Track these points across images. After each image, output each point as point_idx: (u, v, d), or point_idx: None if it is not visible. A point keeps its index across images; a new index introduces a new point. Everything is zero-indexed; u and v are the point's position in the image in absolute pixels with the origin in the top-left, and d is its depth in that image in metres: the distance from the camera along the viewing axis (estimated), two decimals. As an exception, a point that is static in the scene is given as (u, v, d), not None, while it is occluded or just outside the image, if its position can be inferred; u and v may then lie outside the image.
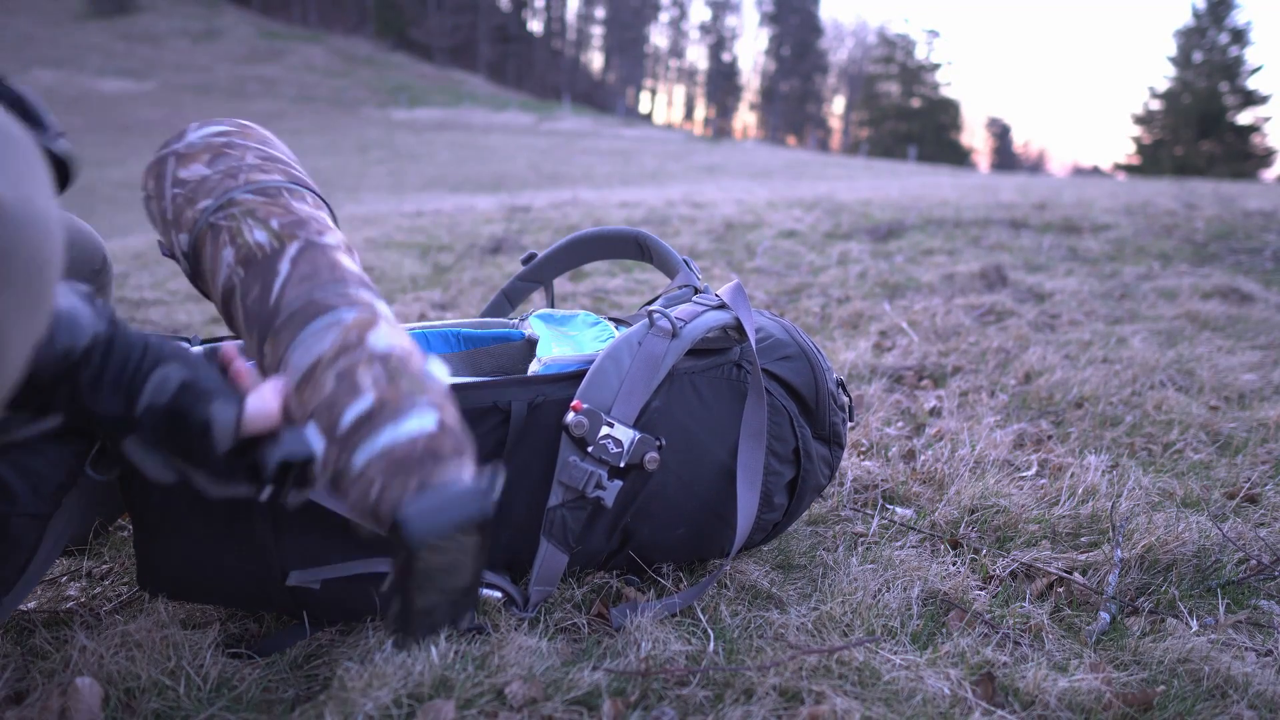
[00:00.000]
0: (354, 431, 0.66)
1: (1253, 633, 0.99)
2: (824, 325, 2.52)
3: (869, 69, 60.03)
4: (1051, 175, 34.45)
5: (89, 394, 0.63)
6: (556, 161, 17.34)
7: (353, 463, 0.66)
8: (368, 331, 0.71)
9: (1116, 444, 1.57)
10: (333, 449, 0.67)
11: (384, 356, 0.70)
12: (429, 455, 0.66)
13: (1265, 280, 3.19)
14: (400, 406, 0.67)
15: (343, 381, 0.68)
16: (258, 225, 0.78)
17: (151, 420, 0.65)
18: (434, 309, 2.72)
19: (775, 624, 0.95)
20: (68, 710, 0.77)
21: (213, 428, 0.65)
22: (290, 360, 0.71)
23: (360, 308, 0.74)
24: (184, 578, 0.91)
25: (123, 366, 0.64)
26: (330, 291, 0.74)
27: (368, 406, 0.67)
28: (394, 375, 0.69)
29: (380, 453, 0.65)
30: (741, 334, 1.04)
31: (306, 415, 0.69)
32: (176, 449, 0.66)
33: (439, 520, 0.63)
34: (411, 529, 0.62)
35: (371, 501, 0.66)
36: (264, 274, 0.76)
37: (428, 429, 0.67)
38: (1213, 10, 39.15)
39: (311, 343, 0.71)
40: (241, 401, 0.67)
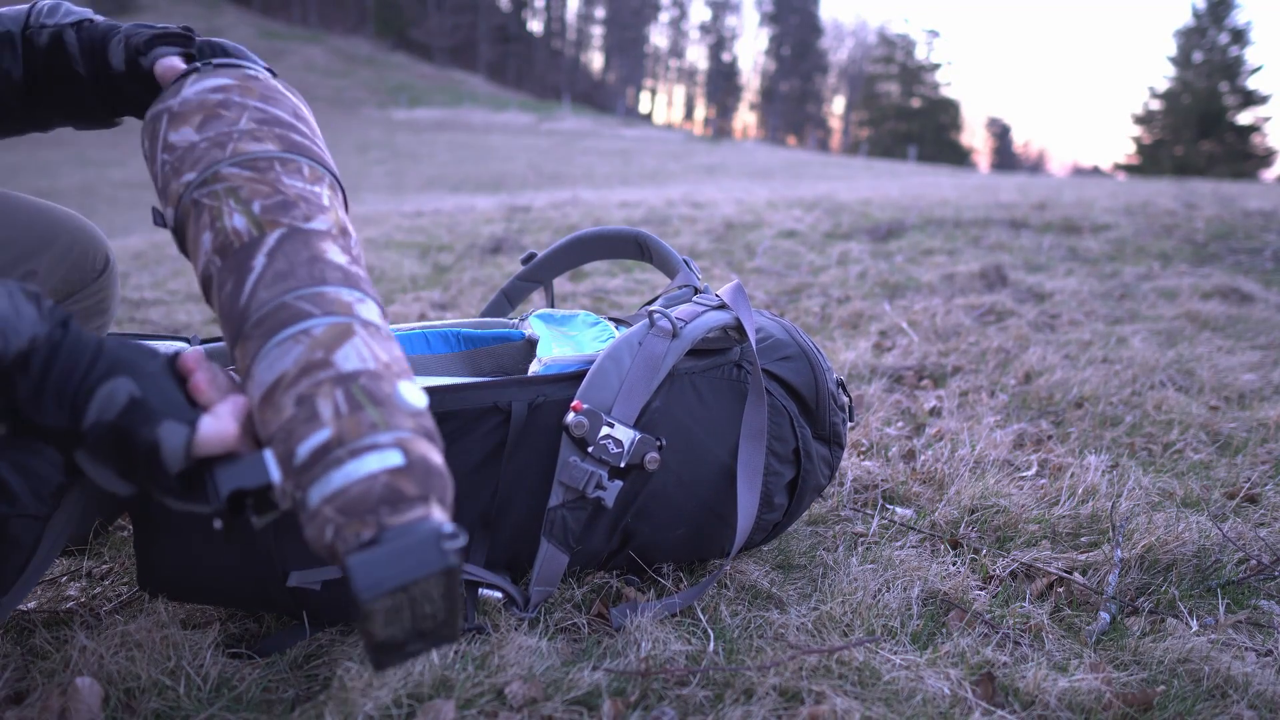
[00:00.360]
0: (309, 465, 0.61)
1: (1253, 633, 0.99)
2: (824, 325, 2.52)
3: (869, 69, 60.03)
4: (1051, 175, 34.46)
5: (28, 404, 0.59)
6: (556, 161, 17.34)
7: (308, 500, 0.61)
8: (336, 348, 0.65)
9: (1116, 444, 1.57)
10: (289, 481, 0.62)
11: (350, 378, 0.64)
12: (386, 499, 0.60)
13: (1265, 280, 3.19)
14: (360, 442, 0.61)
15: (302, 407, 0.62)
16: (239, 208, 0.72)
17: (97, 438, 0.60)
18: (434, 309, 2.72)
19: (775, 624, 0.95)
20: (68, 710, 0.77)
21: (160, 450, 0.60)
22: (255, 374, 0.66)
23: (334, 316, 0.67)
24: (184, 578, 0.91)
25: (67, 376, 0.60)
26: (304, 296, 0.68)
27: (324, 439, 0.61)
28: (356, 405, 0.63)
29: (334, 493, 0.60)
30: (742, 334, 1.04)
31: (268, 437, 0.64)
32: (125, 468, 0.62)
33: (387, 574, 0.57)
34: (357, 583, 0.57)
35: (326, 543, 0.60)
36: (238, 267, 0.70)
37: (388, 467, 0.61)
38: (1213, 10, 39.15)
39: (276, 356, 0.65)
40: (194, 423, 0.62)
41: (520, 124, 31.10)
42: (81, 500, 0.86)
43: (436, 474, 0.63)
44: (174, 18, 30.49)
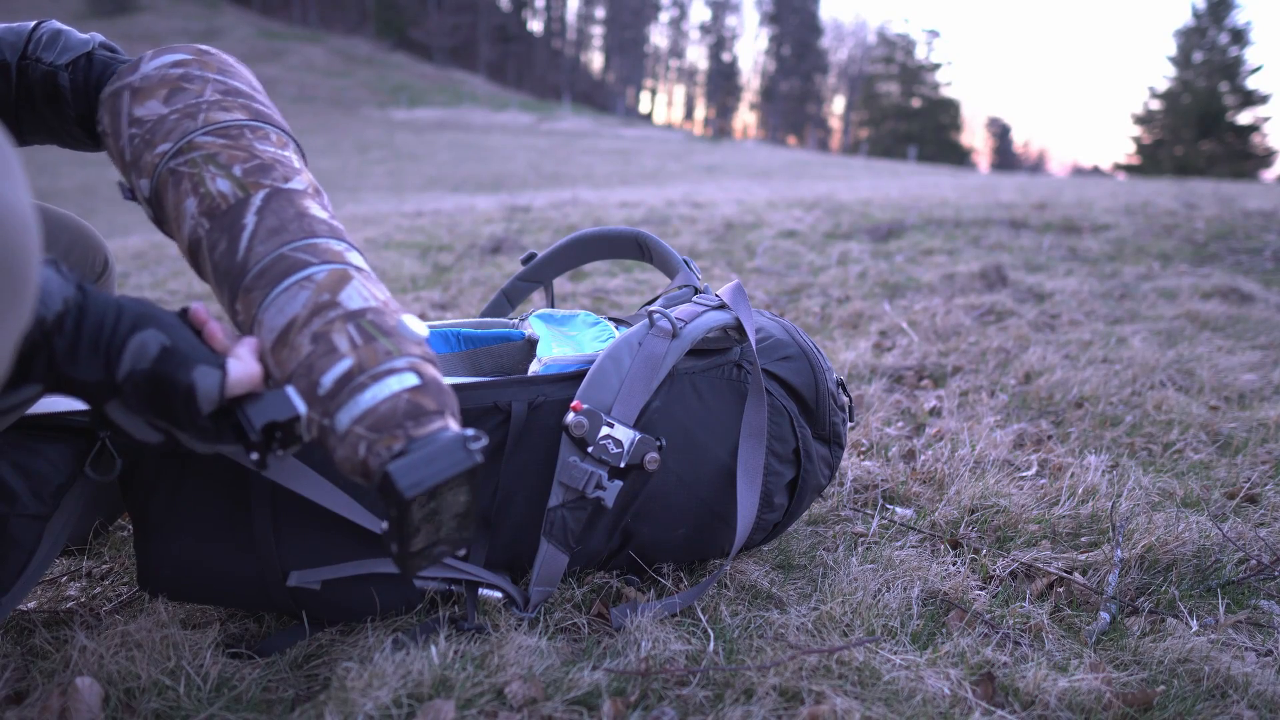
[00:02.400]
0: (335, 393, 0.67)
1: (1253, 633, 0.99)
2: (824, 325, 2.52)
3: (869, 69, 60.04)
4: (1051, 175, 34.46)
5: (66, 361, 0.62)
6: (556, 161, 17.34)
7: (337, 423, 0.67)
8: (340, 289, 0.71)
9: (1116, 444, 1.57)
10: (315, 410, 0.68)
11: (358, 314, 0.70)
12: (411, 413, 0.67)
13: (1265, 280, 3.19)
14: (379, 368, 0.67)
15: (319, 343, 0.68)
16: (220, 173, 0.75)
17: (134, 387, 0.64)
18: (434, 309, 2.72)
19: (775, 624, 0.95)
20: (68, 710, 0.77)
21: (196, 392, 0.64)
22: (263, 321, 0.71)
23: (331, 263, 0.73)
24: (184, 578, 0.91)
25: (98, 332, 0.63)
26: (299, 247, 0.73)
27: (346, 368, 0.67)
28: (369, 336, 0.69)
29: (363, 413, 0.66)
30: (742, 334, 1.04)
31: (285, 376, 0.69)
32: (160, 414, 0.65)
33: (426, 473, 0.64)
34: (400, 485, 0.63)
35: (360, 459, 0.66)
36: (230, 227, 0.74)
37: (407, 386, 0.67)
38: (1213, 10, 39.16)
39: (284, 302, 0.70)
40: (224, 365, 0.66)
41: (520, 124, 31.10)
42: (81, 500, 0.86)
43: (447, 391, 0.70)
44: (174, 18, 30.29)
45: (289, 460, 0.88)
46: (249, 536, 0.88)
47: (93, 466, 0.85)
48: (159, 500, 0.88)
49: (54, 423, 0.85)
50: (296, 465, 0.88)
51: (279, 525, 0.89)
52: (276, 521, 0.88)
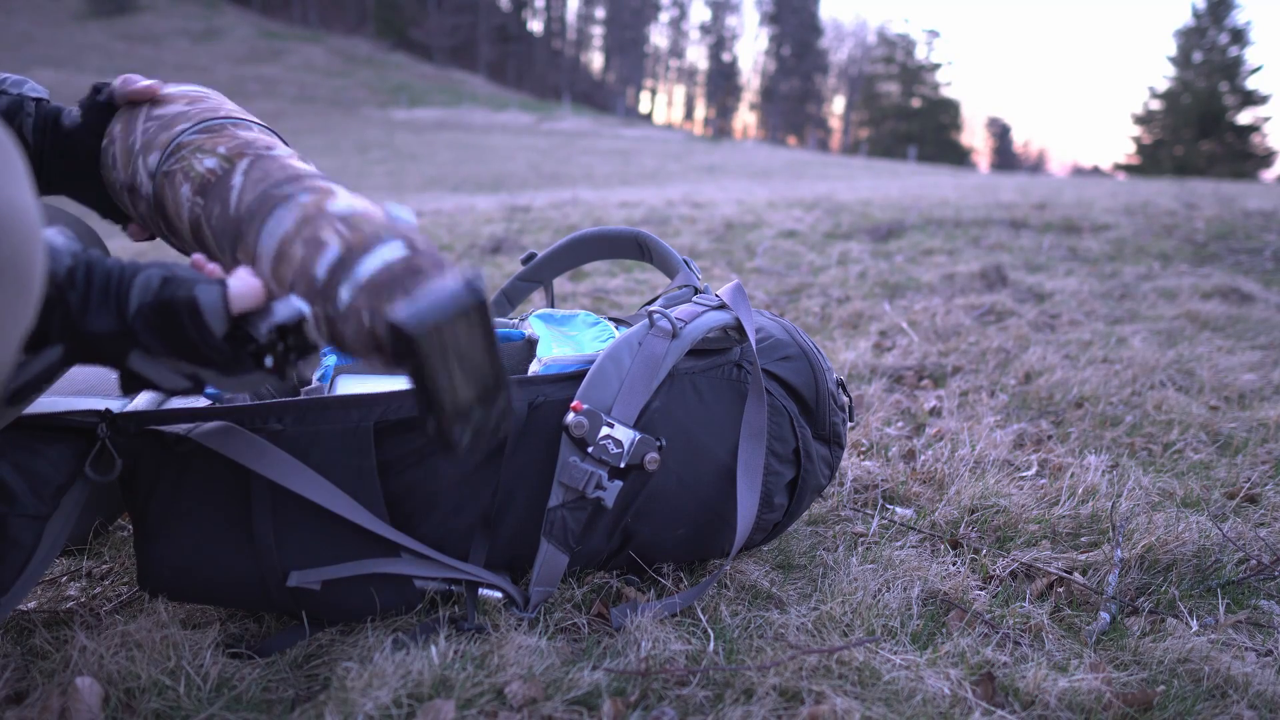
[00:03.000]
0: (330, 279, 0.67)
1: (1253, 633, 0.99)
2: (824, 325, 2.52)
3: (869, 69, 60.05)
4: (1051, 175, 34.46)
5: (80, 316, 0.63)
6: (556, 161, 17.34)
7: (338, 302, 0.67)
8: (326, 201, 0.72)
9: (1116, 444, 1.57)
10: (317, 303, 0.68)
11: (345, 215, 0.71)
12: (408, 273, 0.66)
13: (1265, 280, 3.19)
14: (368, 244, 0.68)
15: (310, 245, 0.69)
16: (206, 155, 0.79)
17: (144, 322, 0.64)
18: (434, 309, 2.72)
19: (775, 624, 0.95)
20: (68, 710, 0.77)
21: (201, 309, 0.65)
22: (260, 248, 0.72)
23: (315, 190, 0.74)
24: (184, 578, 0.91)
25: (106, 281, 0.64)
26: (285, 185, 0.75)
27: (336, 254, 0.68)
28: (357, 226, 0.69)
29: (361, 284, 0.66)
30: (742, 334, 1.04)
31: (288, 285, 0.70)
32: (176, 346, 0.66)
33: (433, 309, 0.63)
34: (408, 321, 0.62)
35: (367, 328, 0.66)
36: (221, 193, 0.77)
37: (400, 255, 0.67)
38: (1213, 10, 39.16)
39: (273, 225, 0.72)
40: (223, 283, 0.67)
41: (520, 124, 31.10)
42: (81, 500, 0.86)
43: (443, 258, 0.69)
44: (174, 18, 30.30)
45: (289, 460, 0.88)
46: (249, 536, 0.88)
47: (93, 466, 0.85)
48: (159, 500, 0.88)
49: (54, 423, 0.85)
50: (296, 465, 0.88)
51: (279, 525, 0.89)
52: (276, 521, 0.88)
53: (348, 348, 0.69)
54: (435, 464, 0.94)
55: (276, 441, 0.88)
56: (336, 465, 0.90)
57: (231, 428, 0.88)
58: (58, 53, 33.07)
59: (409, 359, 0.64)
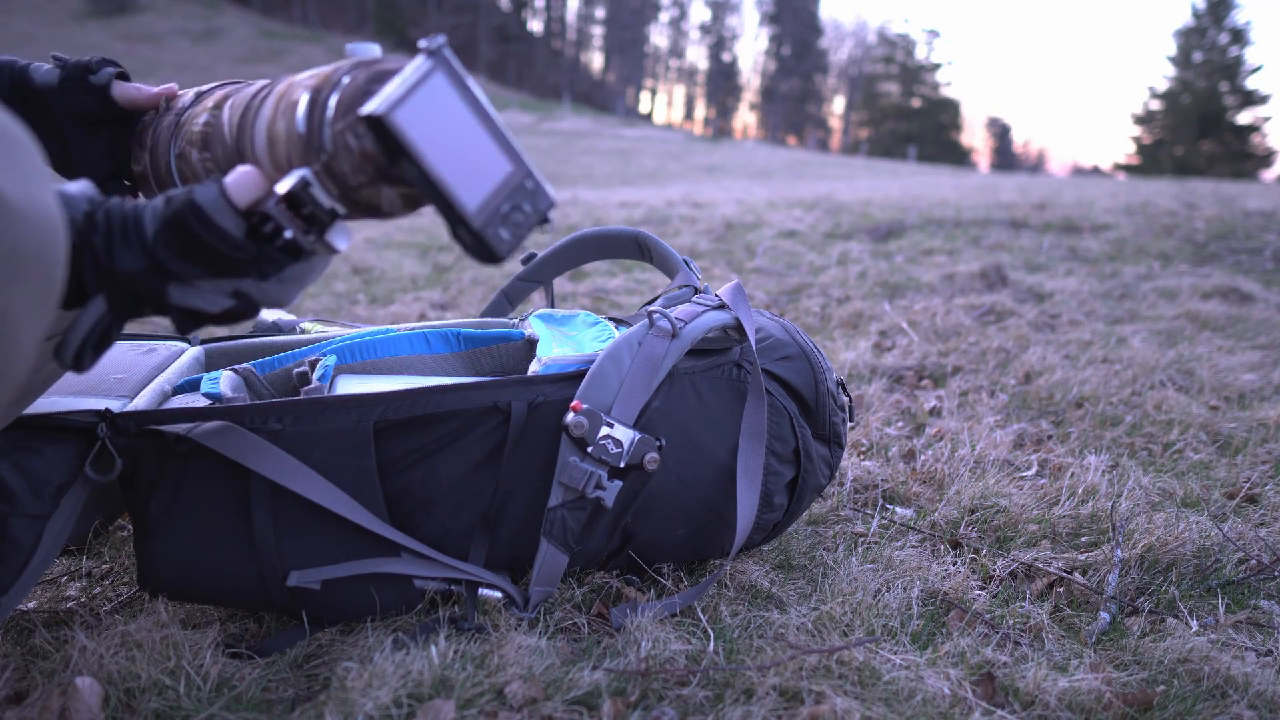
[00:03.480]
0: (310, 125, 0.66)
1: (1253, 633, 0.99)
2: (824, 325, 2.52)
3: (869, 69, 60.07)
4: (1051, 175, 34.46)
5: (107, 257, 0.63)
6: (556, 161, 17.33)
7: (324, 143, 0.65)
8: (294, 78, 0.72)
9: (1116, 444, 1.57)
10: (312, 159, 0.67)
11: (310, 74, 0.70)
12: (373, 79, 0.65)
13: (1265, 280, 3.19)
14: (334, 79, 0.67)
15: (288, 113, 0.68)
16: (198, 114, 0.80)
17: (165, 247, 0.64)
18: (434, 309, 2.72)
19: (775, 624, 0.95)
20: (68, 710, 0.77)
21: (204, 208, 0.64)
22: (256, 149, 0.72)
23: (285, 79, 0.74)
24: (184, 578, 0.91)
25: (123, 220, 0.64)
26: (261, 91, 0.75)
27: (308, 99, 0.67)
28: (319, 73, 0.69)
29: (332, 115, 0.65)
30: (741, 334, 1.04)
31: (287, 167, 0.69)
32: (201, 259, 0.65)
33: (398, 89, 0.61)
34: (374, 108, 0.60)
35: (357, 150, 0.64)
36: (218, 135, 0.77)
37: (362, 73, 0.66)
38: (1213, 10, 39.17)
39: (259, 121, 0.71)
40: (218, 180, 0.66)
41: (520, 124, 31.09)
42: (81, 500, 0.86)
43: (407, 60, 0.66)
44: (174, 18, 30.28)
45: (289, 460, 0.88)
46: (249, 536, 0.88)
47: (93, 466, 0.85)
48: (159, 500, 0.88)
49: (54, 423, 0.85)
50: (297, 465, 0.88)
51: (279, 525, 0.89)
52: (276, 521, 0.88)
53: (357, 191, 0.67)
54: (435, 464, 0.94)
55: (276, 441, 0.88)
56: (336, 465, 0.90)
57: (231, 427, 0.88)
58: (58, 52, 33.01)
59: (401, 155, 0.62)
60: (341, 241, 0.68)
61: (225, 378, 1.05)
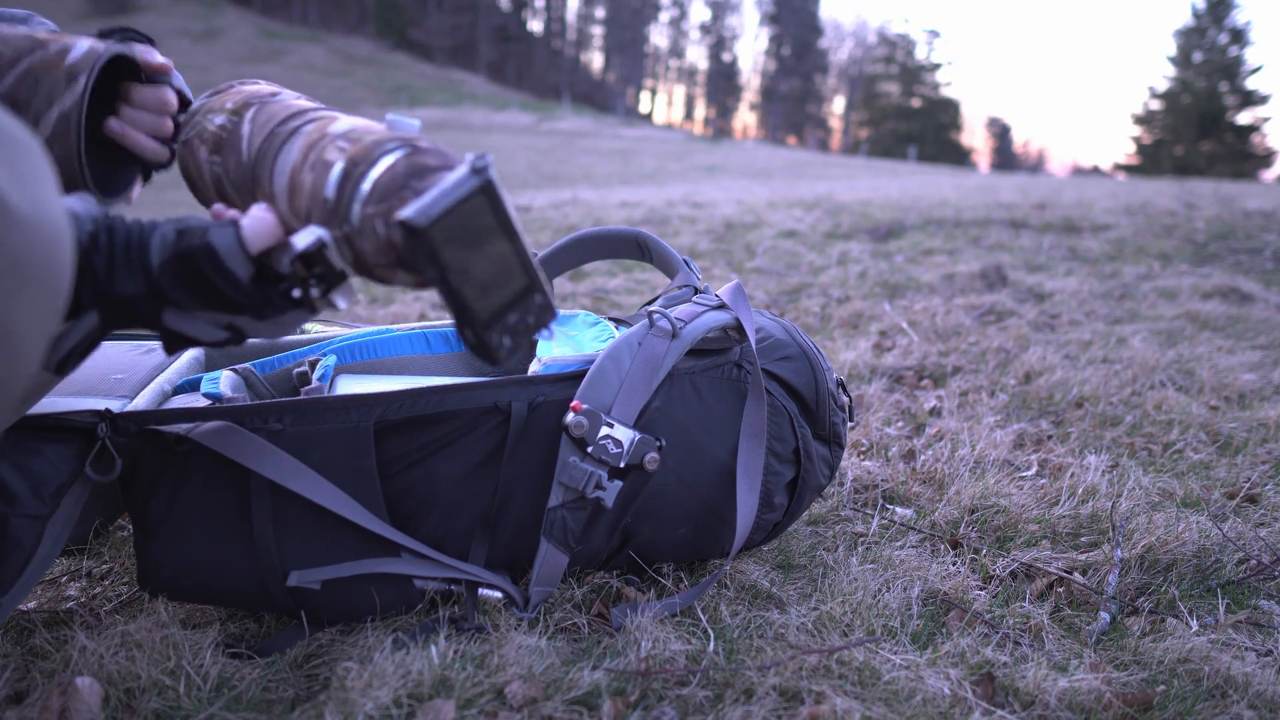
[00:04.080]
0: (340, 196, 0.66)
1: (1253, 633, 0.99)
2: (824, 325, 2.52)
3: (869, 69, 60.07)
4: (1051, 175, 34.46)
5: (107, 280, 0.63)
6: (556, 161, 17.33)
7: (352, 218, 0.66)
8: (328, 127, 0.72)
9: (1116, 444, 1.57)
10: (335, 226, 0.67)
11: (346, 133, 0.70)
12: (413, 173, 0.65)
13: (1265, 280, 3.19)
14: (371, 154, 0.67)
15: (317, 169, 0.68)
16: (216, 114, 0.81)
17: (169, 279, 0.64)
18: (434, 309, 2.72)
19: (775, 624, 0.95)
20: (68, 710, 0.77)
21: (219, 253, 0.64)
22: (274, 186, 0.72)
23: (319, 118, 0.74)
24: (184, 578, 0.91)
25: (126, 243, 0.64)
26: (290, 121, 0.75)
27: (341, 170, 0.67)
28: (358, 138, 0.69)
29: (368, 194, 0.65)
30: (741, 334, 1.04)
31: (304, 221, 0.69)
32: (205, 297, 0.65)
33: (438, 198, 0.62)
34: (415, 216, 0.61)
35: (383, 238, 0.65)
36: (233, 145, 0.78)
37: (402, 155, 0.66)
38: (1213, 10, 39.17)
39: (282, 160, 0.72)
40: (236, 224, 0.66)
41: (520, 124, 31.10)
42: (81, 500, 0.86)
43: (450, 153, 0.68)
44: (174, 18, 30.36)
45: (289, 460, 0.88)
46: (249, 536, 0.88)
47: (93, 466, 0.85)
48: (159, 500, 0.88)
49: (54, 423, 0.85)
50: (297, 465, 0.88)
51: (279, 525, 0.89)
52: (276, 521, 0.88)
53: (372, 268, 0.67)
54: (435, 464, 0.94)
55: (276, 441, 0.88)
56: (336, 465, 0.90)
57: (231, 428, 0.88)
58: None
59: (427, 261, 0.62)
60: (344, 301, 0.69)
61: (225, 378, 1.05)
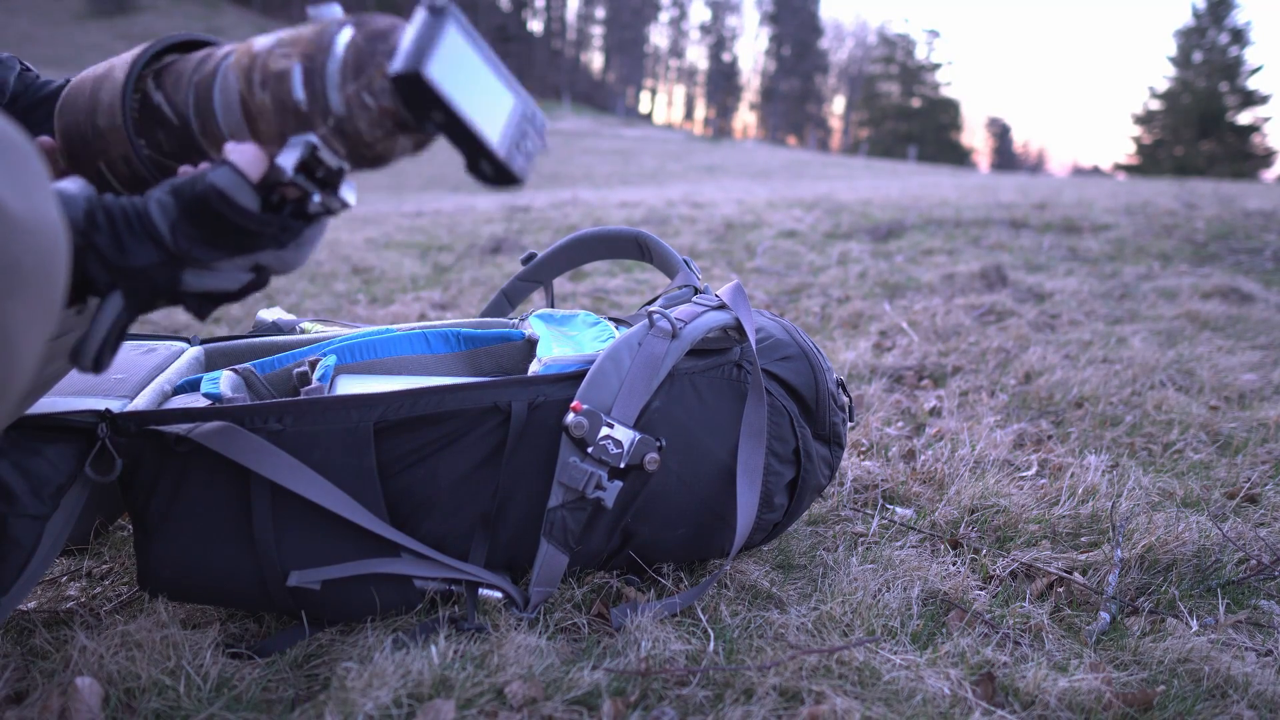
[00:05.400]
0: (312, 94, 0.66)
1: (1253, 633, 0.99)
2: (824, 325, 2.52)
3: (869, 69, 60.08)
4: (1051, 175, 34.45)
5: (118, 255, 0.62)
6: (556, 161, 17.33)
7: (333, 108, 0.66)
8: (252, 48, 0.71)
9: (1116, 444, 1.57)
10: (318, 125, 0.66)
11: (276, 42, 0.69)
12: (375, 38, 0.65)
13: (1265, 280, 3.19)
14: (323, 43, 0.67)
15: (270, 83, 0.67)
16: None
17: (185, 235, 0.63)
18: (434, 309, 2.72)
19: (775, 624, 0.95)
20: (68, 710, 0.77)
21: (224, 189, 0.64)
22: (225, 126, 0.70)
23: (232, 49, 0.72)
24: (184, 578, 0.91)
25: (125, 216, 0.63)
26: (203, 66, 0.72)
27: (301, 68, 0.66)
28: (295, 40, 0.68)
29: (340, 78, 0.65)
30: (741, 334, 1.04)
31: (280, 141, 0.68)
32: (226, 241, 0.65)
33: (415, 42, 0.62)
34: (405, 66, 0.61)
35: (375, 108, 0.65)
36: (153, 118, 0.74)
37: (352, 32, 0.66)
38: (1213, 10, 39.18)
39: (224, 99, 0.70)
40: (225, 162, 0.66)
41: (520, 124, 31.01)
42: (82, 500, 0.86)
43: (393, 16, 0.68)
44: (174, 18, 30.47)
45: (289, 460, 0.88)
46: (249, 536, 0.88)
47: (93, 466, 0.85)
48: (159, 500, 0.88)
49: (54, 423, 0.85)
50: (297, 465, 0.88)
51: (279, 525, 0.89)
52: (276, 521, 0.88)
53: (370, 146, 0.67)
54: (435, 464, 0.94)
55: (276, 441, 0.88)
56: (336, 465, 0.90)
57: (231, 428, 0.88)
58: (58, 53, 33.07)
59: (431, 106, 0.63)
60: (352, 196, 0.70)
61: (225, 378, 1.05)
